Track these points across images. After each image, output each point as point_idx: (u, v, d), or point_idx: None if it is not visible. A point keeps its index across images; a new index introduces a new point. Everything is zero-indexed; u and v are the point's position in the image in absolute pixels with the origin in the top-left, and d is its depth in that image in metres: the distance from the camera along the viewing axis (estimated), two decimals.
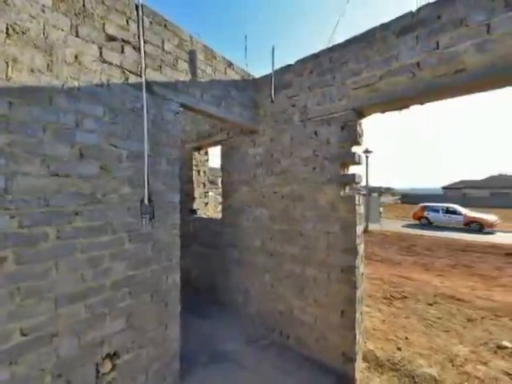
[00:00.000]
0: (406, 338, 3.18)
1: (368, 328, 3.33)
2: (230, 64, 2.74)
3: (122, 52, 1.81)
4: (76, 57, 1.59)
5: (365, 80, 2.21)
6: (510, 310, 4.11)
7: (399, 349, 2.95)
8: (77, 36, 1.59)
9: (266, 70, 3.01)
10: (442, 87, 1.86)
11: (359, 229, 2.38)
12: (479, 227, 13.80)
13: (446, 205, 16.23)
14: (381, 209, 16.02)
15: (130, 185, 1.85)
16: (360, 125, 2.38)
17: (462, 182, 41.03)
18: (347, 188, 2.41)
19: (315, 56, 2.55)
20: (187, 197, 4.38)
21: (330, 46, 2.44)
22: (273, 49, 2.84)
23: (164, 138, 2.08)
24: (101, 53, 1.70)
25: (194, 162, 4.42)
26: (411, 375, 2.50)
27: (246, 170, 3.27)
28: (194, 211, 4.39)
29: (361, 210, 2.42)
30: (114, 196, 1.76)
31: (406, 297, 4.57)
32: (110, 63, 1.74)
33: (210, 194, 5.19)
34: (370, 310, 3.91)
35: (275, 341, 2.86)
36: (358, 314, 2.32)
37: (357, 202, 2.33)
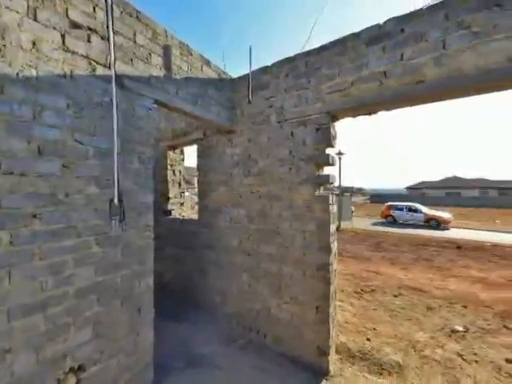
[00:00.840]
0: (374, 329, 3.40)
1: (340, 321, 3.50)
2: (207, 62, 2.69)
3: (89, 41, 1.68)
4: (34, 43, 1.44)
5: (338, 85, 2.31)
6: (461, 297, 4.60)
7: (368, 339, 3.14)
8: (35, 20, 1.44)
9: (243, 71, 3.01)
10: (405, 96, 2.02)
11: (333, 227, 2.48)
12: (437, 224, 15.26)
13: (408, 204, 17.68)
14: (352, 208, 16.92)
15: (98, 184, 1.73)
16: (334, 127, 2.49)
17: (422, 182, 45.04)
18: (322, 188, 2.51)
19: (291, 59, 2.61)
20: (162, 197, 4.21)
21: (306, 50, 2.52)
22: (250, 49, 2.85)
23: (136, 135, 1.97)
24: (63, 41, 1.56)
25: (168, 161, 4.26)
26: (379, 363, 2.67)
27: (223, 170, 3.24)
28: (168, 212, 4.23)
29: (334, 209, 2.53)
30: (78, 197, 1.63)
31: (374, 290, 4.89)
32: (75, 52, 1.61)
33: (186, 194, 5.05)
34: (342, 304, 4.11)
35: (253, 340, 2.87)
36: (331, 309, 2.43)
37: (330, 202, 2.43)
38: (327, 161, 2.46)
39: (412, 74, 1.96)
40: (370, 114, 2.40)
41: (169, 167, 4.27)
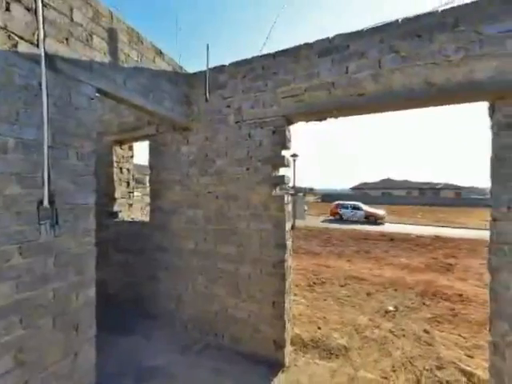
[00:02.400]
0: (324, 318, 3.70)
1: (295, 314, 3.70)
2: (160, 53, 2.52)
3: (7, 10, 1.40)
4: None
5: (292, 91, 2.44)
6: (393, 282, 5.37)
7: (319, 328, 3.40)
8: None
9: (197, 69, 2.92)
10: (350, 106, 2.25)
11: (288, 225, 2.61)
12: (374, 220, 17.49)
13: (352, 202, 19.84)
14: (305, 207, 18.10)
15: (21, 183, 1.45)
16: (289, 130, 2.62)
17: (364, 183, 50.97)
18: (278, 188, 2.61)
19: (248, 61, 2.64)
20: (106, 198, 3.77)
21: (263, 53, 2.58)
22: (207, 47, 2.78)
23: (73, 127, 1.72)
24: None
25: (115, 158, 3.84)
26: (328, 348, 2.92)
27: (178, 169, 3.08)
28: (114, 214, 3.81)
29: (289, 208, 2.66)
30: None
31: (324, 282, 5.32)
32: None
33: (136, 194, 4.63)
34: (296, 298, 4.35)
35: (210, 343, 2.81)
36: (287, 304, 2.55)
37: (286, 201, 2.55)
38: (283, 162, 2.57)
39: (355, 86, 2.20)
40: (320, 120, 2.60)
41: (115, 164, 3.85)
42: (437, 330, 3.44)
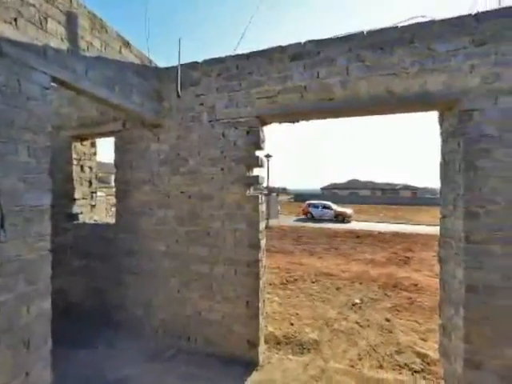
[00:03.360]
0: (297, 314, 3.82)
1: (268, 312, 3.75)
2: (127, 43, 2.37)
3: None
4: None
5: (266, 92, 2.47)
6: (359, 276, 5.75)
7: (292, 324, 3.50)
8: None
9: (168, 64, 2.82)
10: (321, 109, 2.35)
11: (262, 225, 2.64)
12: (342, 218, 18.52)
13: (323, 202, 20.79)
14: (279, 207, 18.48)
15: None
16: (262, 131, 2.65)
17: (332, 184, 53.68)
18: (252, 188, 2.62)
19: (222, 60, 2.61)
20: (65, 198, 3.43)
21: (237, 53, 2.57)
22: (179, 41, 2.69)
23: (23, 119, 1.54)
24: None
25: (75, 155, 3.51)
26: (300, 343, 3.02)
27: (147, 168, 2.92)
28: (74, 216, 3.48)
29: (263, 208, 2.69)
30: None
31: (296, 279, 5.48)
32: None
33: (100, 194, 4.29)
34: (270, 296, 4.42)
35: (182, 348, 2.72)
36: (261, 303, 2.57)
37: (260, 201, 2.58)
38: (257, 162, 2.59)
39: (325, 91, 2.31)
40: (293, 122, 2.68)
41: (75, 162, 3.52)
42: (396, 318, 3.76)
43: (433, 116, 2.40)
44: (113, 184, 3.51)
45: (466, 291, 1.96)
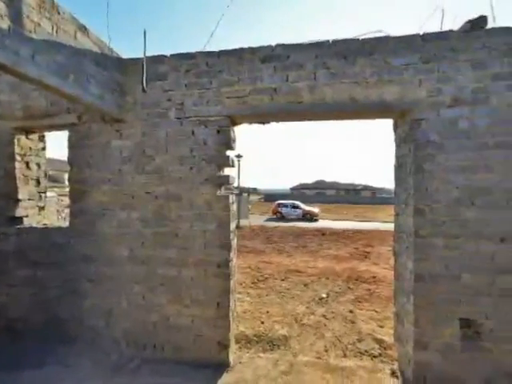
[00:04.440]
0: (267, 312, 3.88)
1: (239, 312, 3.75)
2: (84, 28, 2.15)
3: None
4: None
5: (237, 92, 2.46)
6: (325, 272, 6.06)
7: (262, 322, 3.55)
8: None
9: (130, 56, 2.65)
10: (290, 112, 2.43)
11: (233, 225, 2.62)
12: (310, 217, 19.38)
13: (292, 202, 21.49)
14: (249, 206, 18.59)
15: None
16: (233, 131, 2.63)
17: (301, 184, 55.78)
18: (222, 188, 2.59)
19: (192, 56, 2.54)
20: (5, 199, 2.98)
21: (207, 50, 2.52)
22: (144, 32, 2.54)
23: None
24: None
25: (18, 150, 3.07)
26: (271, 340, 3.08)
27: (107, 166, 2.70)
28: (18, 220, 3.05)
29: (234, 208, 2.67)
30: None
31: (267, 278, 5.57)
32: None
33: (50, 195, 3.82)
34: (240, 296, 4.42)
35: (148, 358, 2.57)
36: (231, 303, 2.56)
37: (231, 201, 2.56)
38: (227, 162, 2.57)
39: (294, 94, 2.39)
40: (263, 123, 2.71)
41: (18, 158, 3.08)
42: (358, 308, 4.06)
43: (389, 123, 2.65)
44: (66, 183, 3.14)
45: (415, 281, 2.20)
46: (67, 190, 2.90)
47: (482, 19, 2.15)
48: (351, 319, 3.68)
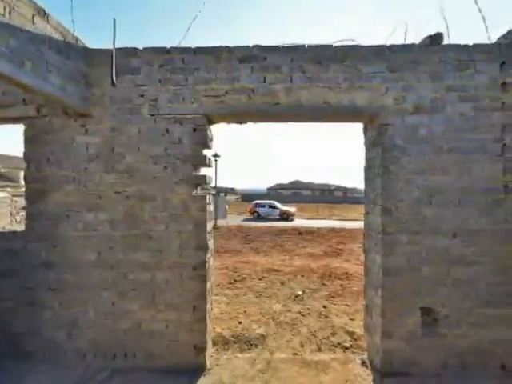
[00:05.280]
0: (245, 312, 3.88)
1: (216, 314, 3.70)
2: (43, 12, 1.96)
3: None
4: None
5: (214, 91, 2.43)
6: (301, 270, 6.24)
7: (240, 323, 3.54)
8: None
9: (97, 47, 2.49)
10: (267, 113, 2.45)
11: (209, 226, 2.58)
12: (287, 217, 19.78)
13: (269, 202, 21.76)
14: (227, 206, 18.44)
15: None
16: (210, 130, 2.59)
17: (278, 184, 56.70)
18: (199, 188, 2.53)
19: (167, 51, 2.44)
20: None
21: (182, 46, 2.45)
22: (114, 22, 2.38)
23: None
24: None
25: None
26: (248, 340, 3.08)
27: (71, 164, 2.49)
28: None
29: (211, 208, 2.63)
30: None
31: (244, 278, 5.57)
32: None
33: (2, 195, 3.41)
34: (217, 297, 4.36)
35: (118, 368, 2.41)
36: (208, 305, 2.51)
37: (208, 201, 2.51)
38: (204, 162, 2.52)
39: (271, 96, 2.42)
40: (241, 123, 2.71)
41: None
42: (332, 304, 4.24)
43: (360, 127, 2.81)
44: (22, 182, 2.83)
45: (382, 275, 2.36)
46: (23, 189, 2.61)
47: (439, 35, 2.38)
48: (325, 314, 3.83)
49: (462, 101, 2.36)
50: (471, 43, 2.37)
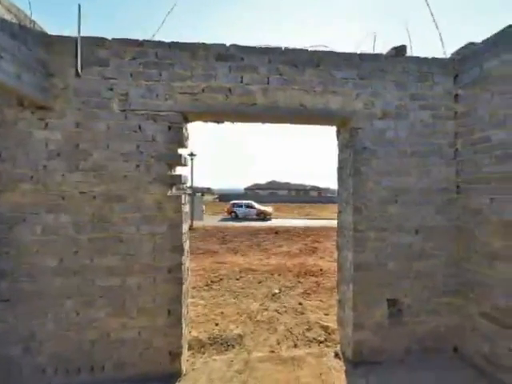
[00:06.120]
0: (222, 313, 3.84)
1: (192, 317, 3.61)
2: None
3: None
4: None
5: (190, 88, 2.36)
6: (278, 268, 6.34)
7: (217, 324, 3.49)
8: None
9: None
10: (244, 113, 2.45)
11: (185, 227, 2.50)
12: (264, 216, 19.97)
13: (246, 201, 21.79)
14: (203, 207, 18.09)
15: None
16: (186, 128, 2.51)
17: (255, 184, 57.02)
18: (174, 188, 2.45)
19: (140, 43, 2.32)
20: None
21: (156, 39, 2.34)
22: (79, 8, 2.20)
23: None
24: None
25: None
26: (225, 341, 3.05)
27: (28, 161, 2.25)
28: None
29: (187, 208, 2.56)
30: None
31: (222, 279, 5.51)
32: None
33: None
34: (194, 300, 4.26)
35: (85, 382, 2.24)
36: (184, 309, 2.44)
37: (183, 202, 2.44)
38: (179, 161, 2.44)
39: (248, 96, 2.42)
40: (218, 122, 2.67)
41: None
42: (307, 300, 4.38)
43: (333, 130, 2.93)
44: None
45: (354, 270, 2.50)
46: None
47: (403, 47, 2.58)
48: (301, 311, 3.94)
49: (423, 109, 2.59)
50: (430, 56, 2.61)
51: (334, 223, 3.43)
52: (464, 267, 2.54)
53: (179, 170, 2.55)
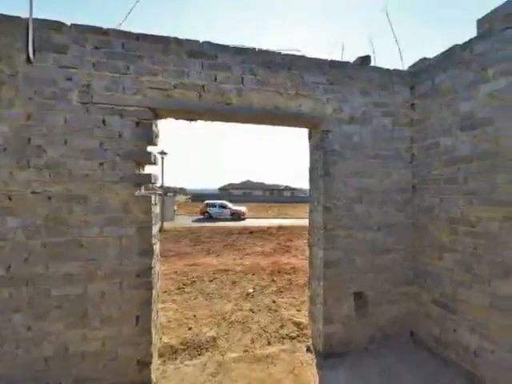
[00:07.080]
0: (195, 316, 3.74)
1: (164, 322, 3.45)
2: None
3: None
4: None
5: (161, 83, 2.26)
6: (252, 268, 6.37)
7: (190, 328, 3.39)
8: None
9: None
10: (218, 112, 2.42)
11: (155, 229, 2.39)
12: (238, 216, 19.92)
13: (220, 202, 21.53)
14: (175, 207, 17.44)
15: None
16: (156, 125, 2.40)
17: (229, 184, 56.60)
18: (143, 188, 2.32)
19: (104, 31, 2.15)
20: None
21: (123, 30, 2.20)
22: None
23: None
24: None
25: None
26: (198, 345, 2.98)
27: None
28: None
29: (157, 209, 2.44)
30: None
31: (194, 281, 5.36)
32: None
33: None
34: (164, 305, 4.08)
35: None
36: (153, 315, 2.32)
37: (153, 202, 2.32)
38: (149, 159, 2.32)
39: (222, 95, 2.39)
40: (190, 120, 2.59)
41: None
42: (280, 298, 4.47)
43: (305, 132, 3.03)
44: None
45: (324, 267, 2.62)
46: None
47: (367, 57, 2.77)
48: (275, 309, 4.01)
49: (384, 115, 2.81)
50: (392, 68, 2.84)
51: (306, 222, 3.55)
52: (419, 260, 2.82)
53: (149, 169, 2.43)
